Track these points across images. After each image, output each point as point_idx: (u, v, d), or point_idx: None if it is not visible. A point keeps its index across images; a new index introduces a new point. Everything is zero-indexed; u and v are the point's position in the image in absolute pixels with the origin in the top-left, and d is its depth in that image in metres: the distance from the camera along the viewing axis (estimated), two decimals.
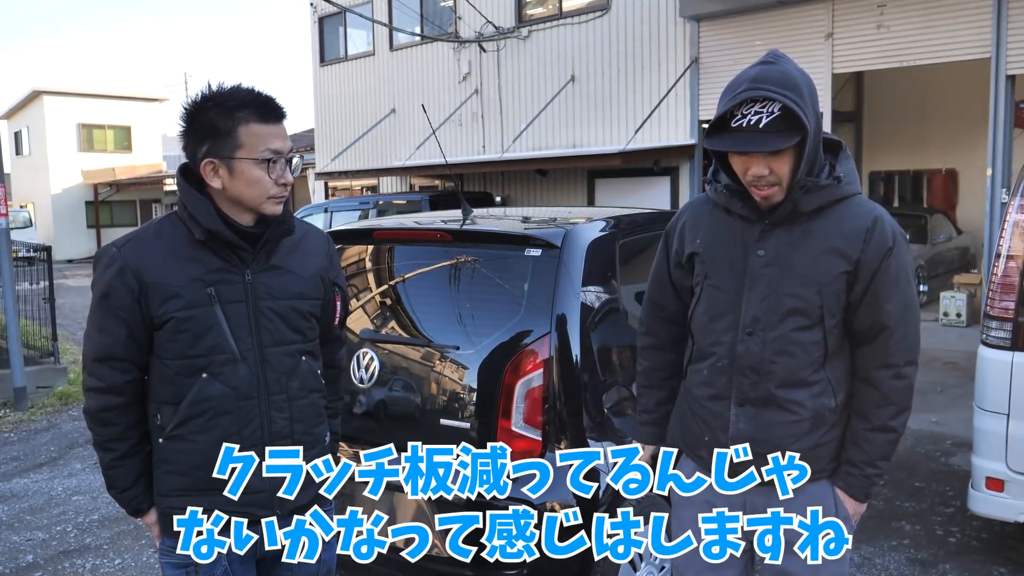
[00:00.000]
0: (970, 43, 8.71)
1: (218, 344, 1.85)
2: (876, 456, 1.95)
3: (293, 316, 1.95)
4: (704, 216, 2.04)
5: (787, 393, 1.91)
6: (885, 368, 1.91)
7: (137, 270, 1.83)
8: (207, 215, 1.84)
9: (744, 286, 1.92)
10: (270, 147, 1.83)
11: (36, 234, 25.46)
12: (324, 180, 17.58)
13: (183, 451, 1.87)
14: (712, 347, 1.99)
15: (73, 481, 5.41)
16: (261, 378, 1.90)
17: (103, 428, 1.91)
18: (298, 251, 2.00)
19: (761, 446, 1.92)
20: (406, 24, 14.63)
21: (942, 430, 5.97)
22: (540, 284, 2.84)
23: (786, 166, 1.81)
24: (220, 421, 1.86)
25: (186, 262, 1.85)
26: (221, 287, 1.86)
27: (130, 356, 1.87)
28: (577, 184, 13.33)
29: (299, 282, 1.97)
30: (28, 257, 10.58)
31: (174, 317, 1.82)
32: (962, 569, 3.81)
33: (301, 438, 1.96)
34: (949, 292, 10.04)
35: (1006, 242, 3.63)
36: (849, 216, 1.89)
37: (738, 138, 1.78)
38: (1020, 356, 3.54)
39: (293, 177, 1.91)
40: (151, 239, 1.88)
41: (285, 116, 1.89)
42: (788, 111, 1.74)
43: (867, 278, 1.88)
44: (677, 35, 11.30)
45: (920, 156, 14.04)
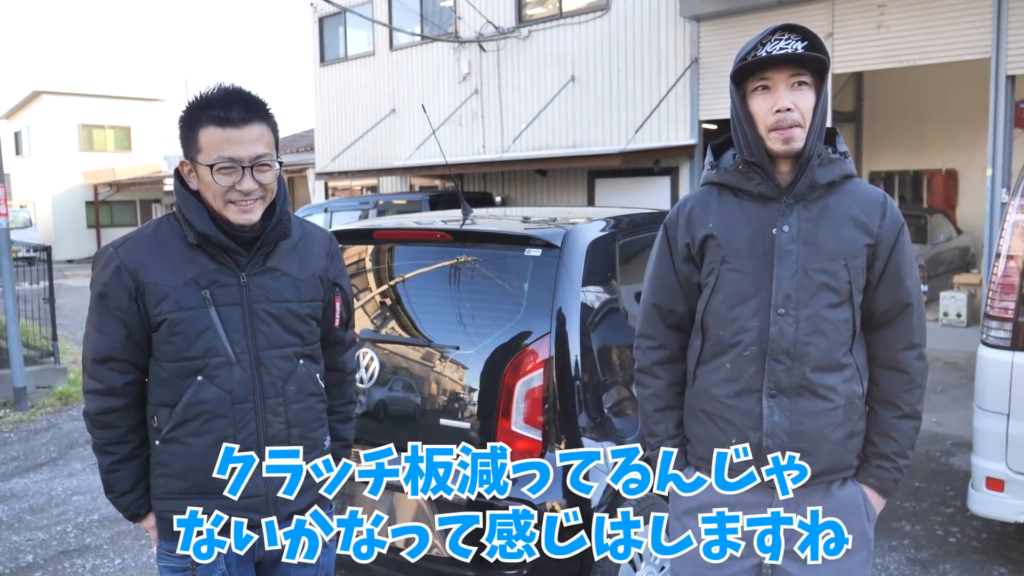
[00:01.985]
0: (970, 43, 8.71)
1: (213, 347, 1.84)
2: (907, 445, 1.92)
3: (290, 319, 1.93)
4: (711, 202, 1.94)
5: (821, 378, 1.84)
6: (911, 348, 1.90)
7: (134, 269, 1.82)
8: (200, 218, 1.83)
9: (769, 265, 1.85)
10: (222, 154, 1.77)
11: (36, 234, 25.46)
12: (324, 180, 17.58)
13: (179, 454, 1.87)
14: (737, 335, 1.87)
15: (73, 481, 5.41)
16: (256, 381, 1.88)
17: (103, 431, 1.90)
18: (296, 252, 1.97)
19: (798, 439, 1.84)
20: (406, 24, 14.63)
21: (942, 430, 5.97)
22: (540, 284, 2.84)
23: (809, 103, 1.81)
24: (215, 424, 1.85)
25: (182, 263, 1.84)
26: (216, 289, 1.85)
27: (129, 357, 1.86)
28: (577, 184, 13.34)
29: (296, 284, 1.94)
30: (28, 257, 10.57)
31: (168, 318, 1.82)
32: (962, 569, 3.81)
33: (298, 442, 1.94)
34: (949, 292, 10.04)
35: (1006, 242, 3.63)
36: (860, 192, 1.90)
37: (766, 62, 1.81)
38: (1020, 356, 3.54)
39: (257, 184, 1.81)
40: (148, 239, 1.88)
41: (251, 119, 1.80)
42: (812, 47, 1.78)
43: (886, 253, 1.87)
44: (677, 35, 11.30)
45: (920, 156, 14.05)
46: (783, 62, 1.79)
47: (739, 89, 1.87)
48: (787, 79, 1.80)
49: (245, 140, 1.79)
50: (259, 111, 1.83)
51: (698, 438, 1.98)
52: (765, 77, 1.81)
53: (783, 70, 1.80)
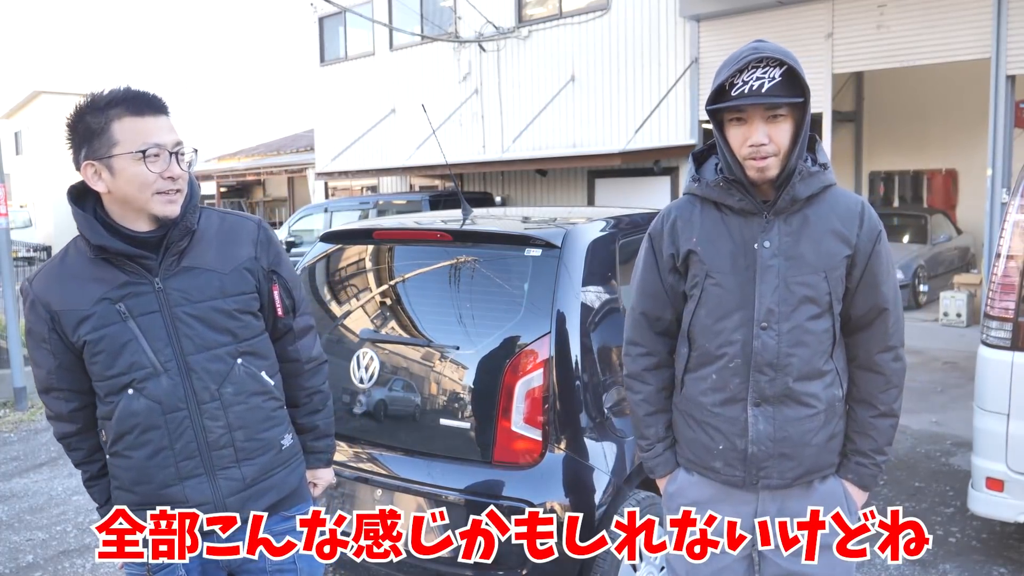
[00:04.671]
0: (970, 43, 8.71)
1: (136, 360, 1.80)
2: (884, 443, 1.99)
3: (216, 317, 1.85)
4: (694, 215, 1.98)
5: (804, 386, 1.90)
6: (887, 351, 1.96)
7: (46, 301, 1.82)
8: (91, 230, 1.79)
9: (752, 280, 1.89)
10: (148, 140, 1.74)
11: (36, 234, 25.45)
12: (324, 180, 17.57)
13: (123, 467, 1.87)
14: (722, 348, 1.93)
15: (73, 481, 5.40)
16: (188, 388, 1.83)
17: (69, 452, 1.96)
18: (216, 244, 1.90)
19: (782, 444, 1.92)
20: (406, 24, 14.62)
21: (942, 430, 5.97)
22: (540, 284, 2.84)
23: (785, 135, 1.83)
24: (150, 436, 1.82)
25: (90, 283, 1.80)
26: (130, 300, 1.80)
27: (66, 385, 1.87)
28: (577, 184, 13.34)
29: (219, 279, 1.87)
30: (28, 257, 10.59)
31: (87, 340, 1.80)
32: (962, 569, 3.81)
33: (244, 445, 1.88)
34: (949, 292, 10.03)
35: (1006, 242, 3.63)
36: (839, 202, 1.94)
37: (740, 102, 1.80)
38: (1020, 356, 3.54)
39: (184, 170, 1.80)
40: (56, 267, 1.86)
41: (164, 109, 1.79)
42: (790, 74, 1.78)
43: (864, 261, 1.92)
44: (677, 35, 11.30)
45: (920, 156, 14.04)
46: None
47: (716, 116, 1.89)
48: (763, 113, 1.81)
49: (164, 128, 1.78)
50: (160, 104, 1.80)
51: (688, 441, 2.05)
52: (740, 110, 1.83)
53: (758, 105, 1.80)
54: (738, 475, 1.95)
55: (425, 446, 2.89)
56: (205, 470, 1.85)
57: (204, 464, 1.85)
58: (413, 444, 2.93)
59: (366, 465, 2.97)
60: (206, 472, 1.85)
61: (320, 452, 2.15)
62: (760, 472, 1.93)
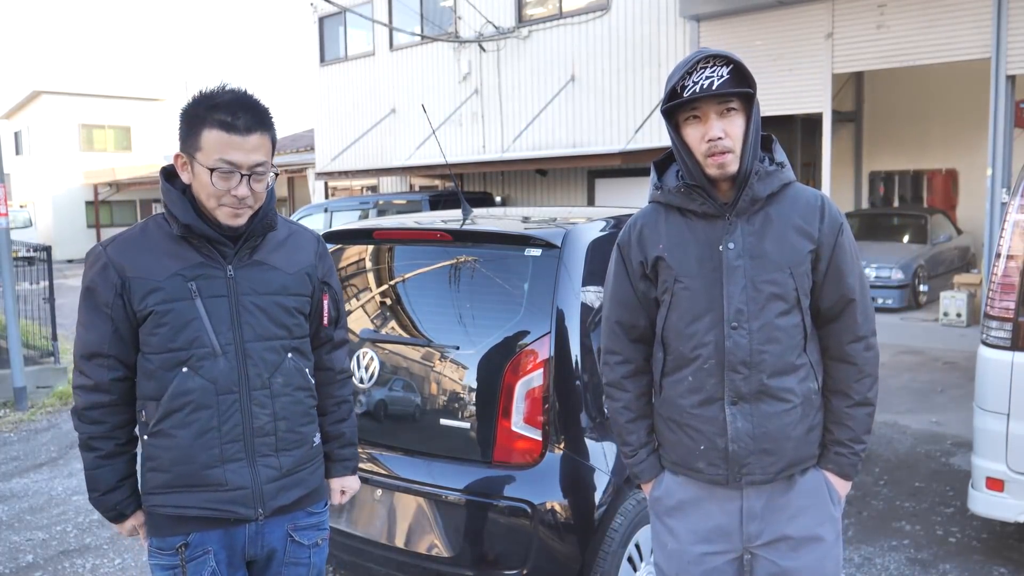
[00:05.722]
0: (970, 43, 8.71)
1: (198, 338, 1.86)
2: (861, 432, 2.02)
3: (277, 311, 1.95)
4: (659, 222, 2.03)
5: (779, 382, 1.94)
6: (857, 341, 2.00)
7: (120, 266, 1.86)
8: (182, 210, 1.86)
9: (719, 282, 1.94)
10: (224, 158, 1.80)
11: (36, 234, 25.46)
12: (324, 180, 17.59)
13: (165, 447, 1.88)
14: (696, 350, 1.97)
15: (73, 481, 5.41)
16: (242, 373, 1.89)
17: (90, 426, 1.92)
18: (284, 248, 2.01)
19: (762, 440, 1.95)
20: (406, 24, 14.63)
21: (942, 430, 5.97)
22: (540, 284, 2.84)
23: (739, 129, 1.90)
24: (200, 415, 1.86)
25: (167, 257, 1.87)
26: (202, 281, 1.87)
27: (115, 353, 1.88)
28: (577, 184, 13.34)
29: (284, 278, 1.97)
30: (28, 257, 10.57)
31: (154, 311, 1.84)
32: (962, 569, 3.81)
33: (285, 436, 1.95)
34: (949, 292, 10.03)
35: (1006, 242, 3.63)
36: (799, 198, 1.99)
37: (694, 97, 1.88)
38: (1020, 356, 3.54)
39: (256, 191, 1.86)
40: (136, 237, 1.92)
41: (258, 127, 1.84)
42: (737, 71, 1.86)
43: (828, 254, 1.97)
44: (677, 35, 11.31)
45: (920, 156, 14.04)
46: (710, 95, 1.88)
47: (671, 119, 1.96)
48: (716, 107, 1.89)
49: (247, 147, 1.82)
50: (264, 120, 1.86)
51: (670, 444, 2.08)
52: (695, 107, 1.91)
53: (711, 100, 1.88)
54: (721, 474, 1.98)
55: (425, 446, 2.89)
56: (246, 455, 1.90)
57: (246, 449, 1.90)
58: (413, 444, 2.93)
59: (366, 465, 2.97)
60: (247, 458, 1.90)
61: (347, 460, 2.21)
62: (743, 469, 1.96)
